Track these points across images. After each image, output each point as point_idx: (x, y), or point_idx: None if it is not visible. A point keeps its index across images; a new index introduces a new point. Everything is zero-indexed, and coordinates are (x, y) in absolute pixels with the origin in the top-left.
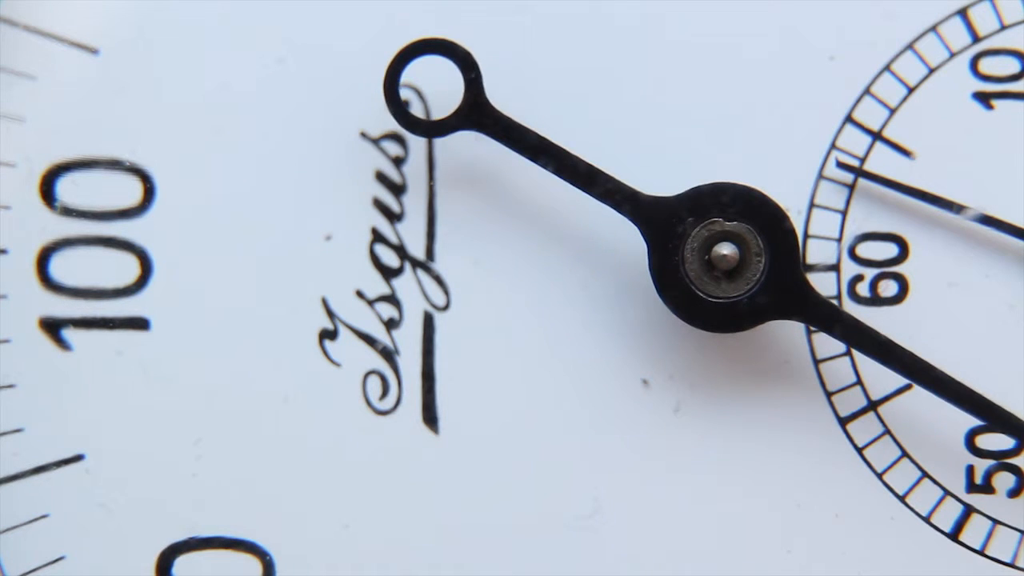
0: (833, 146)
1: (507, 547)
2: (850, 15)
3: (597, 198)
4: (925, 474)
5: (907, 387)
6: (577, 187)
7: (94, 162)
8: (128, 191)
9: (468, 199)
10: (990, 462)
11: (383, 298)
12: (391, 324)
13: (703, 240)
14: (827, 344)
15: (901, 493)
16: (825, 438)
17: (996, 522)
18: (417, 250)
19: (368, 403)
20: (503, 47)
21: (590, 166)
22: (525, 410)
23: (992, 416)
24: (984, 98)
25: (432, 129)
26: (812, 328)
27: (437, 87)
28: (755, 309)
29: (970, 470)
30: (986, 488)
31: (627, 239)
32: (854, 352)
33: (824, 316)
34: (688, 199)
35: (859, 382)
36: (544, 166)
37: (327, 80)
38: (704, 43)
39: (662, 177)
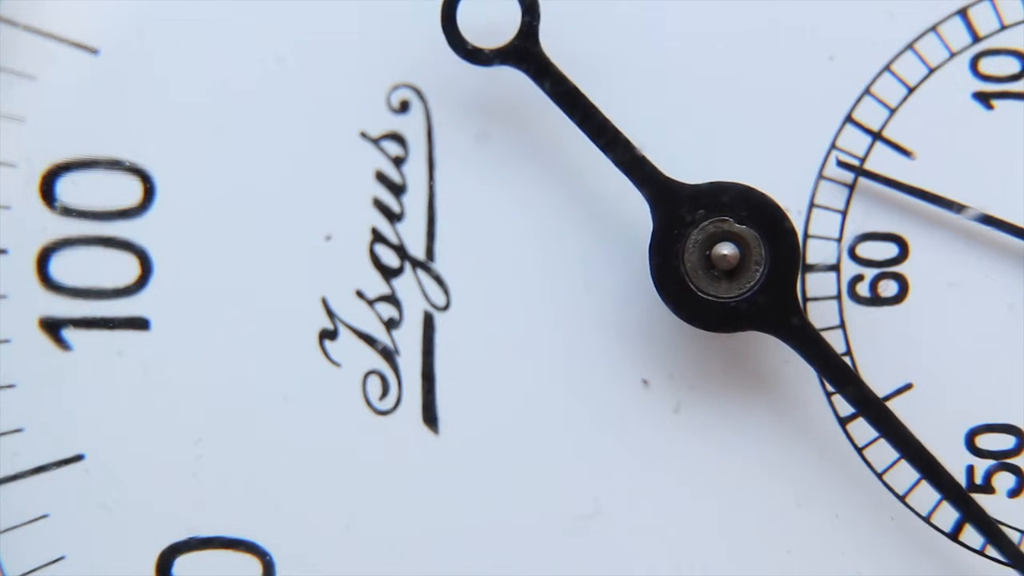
0: (833, 146)
1: (507, 547)
2: (850, 15)
3: (617, 164)
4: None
5: (907, 387)
6: (602, 149)
7: (94, 162)
8: (128, 191)
9: (468, 199)
10: (990, 462)
11: (383, 298)
12: (391, 324)
13: (708, 235)
14: None
15: (901, 493)
16: (825, 438)
17: (996, 522)
18: (417, 250)
19: (368, 403)
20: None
21: (619, 132)
22: (525, 410)
23: (933, 474)
24: (984, 98)
25: (479, 57)
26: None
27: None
28: (740, 314)
29: (970, 470)
30: (986, 488)
31: (628, 239)
32: (854, 352)
33: (808, 343)
34: (705, 191)
35: None
36: (575, 120)
37: (327, 80)
38: (704, 42)
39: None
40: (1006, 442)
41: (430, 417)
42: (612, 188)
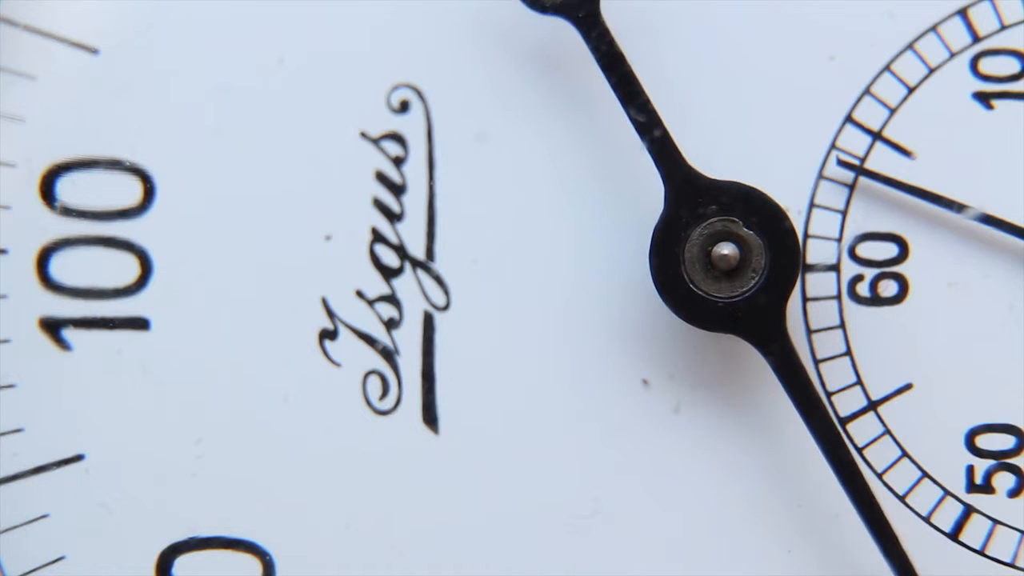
0: (833, 146)
1: (507, 547)
2: (850, 15)
3: (643, 138)
4: (925, 474)
5: (907, 387)
6: (634, 126)
7: (94, 162)
8: (128, 191)
9: (468, 199)
10: (990, 462)
11: (383, 298)
12: (391, 324)
13: (715, 231)
14: (827, 344)
15: (901, 493)
16: None
17: (996, 522)
18: (417, 250)
19: (368, 403)
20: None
21: (652, 106)
22: (525, 410)
23: (876, 526)
24: (984, 98)
25: (537, 3)
26: (812, 329)
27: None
28: (723, 314)
29: (970, 470)
30: (986, 488)
31: (628, 239)
32: (854, 352)
33: (782, 361)
34: (722, 188)
35: (859, 382)
36: (616, 90)
37: (327, 80)
38: (704, 43)
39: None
40: (1006, 442)
41: (430, 417)
42: (612, 188)
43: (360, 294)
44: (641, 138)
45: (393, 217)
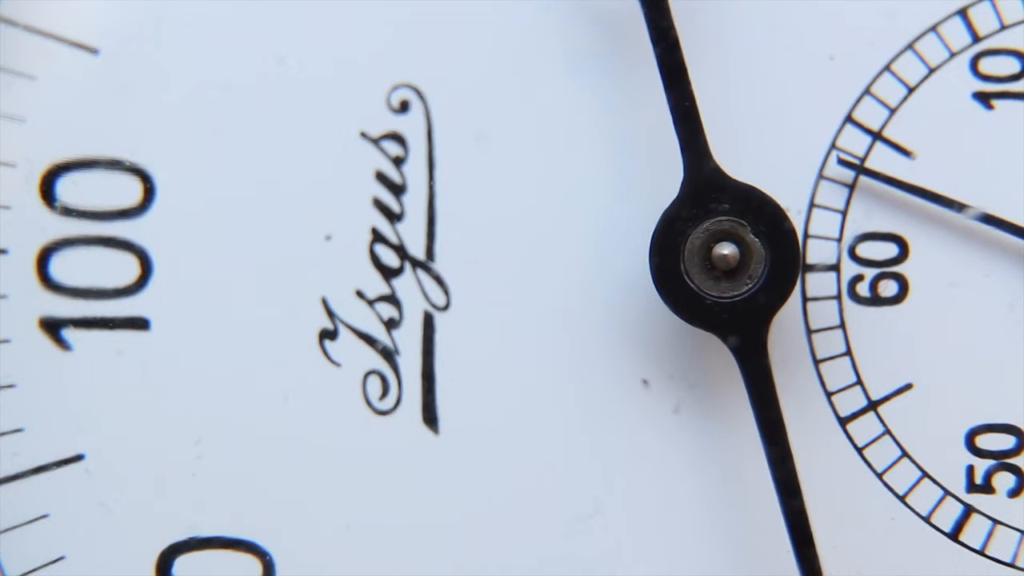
0: (833, 146)
1: (507, 547)
2: (850, 15)
3: (678, 130)
4: (925, 474)
5: (907, 387)
6: (672, 113)
7: (94, 162)
8: (128, 191)
9: (468, 199)
10: (990, 462)
11: (383, 298)
12: (391, 324)
13: (722, 230)
14: (827, 344)
15: (901, 493)
16: (825, 438)
17: (996, 522)
18: (417, 250)
19: (368, 403)
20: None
21: (696, 103)
22: (525, 410)
23: (801, 548)
24: (984, 98)
25: None
26: (812, 329)
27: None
28: (709, 314)
29: (970, 470)
30: (986, 488)
31: (628, 240)
32: (854, 352)
33: (756, 371)
34: (742, 190)
35: (859, 382)
36: (664, 73)
37: (327, 80)
38: (704, 43)
39: (661, 175)
40: (1006, 442)
41: (430, 417)
42: (613, 188)
43: (360, 294)
44: (676, 126)
45: (393, 217)
